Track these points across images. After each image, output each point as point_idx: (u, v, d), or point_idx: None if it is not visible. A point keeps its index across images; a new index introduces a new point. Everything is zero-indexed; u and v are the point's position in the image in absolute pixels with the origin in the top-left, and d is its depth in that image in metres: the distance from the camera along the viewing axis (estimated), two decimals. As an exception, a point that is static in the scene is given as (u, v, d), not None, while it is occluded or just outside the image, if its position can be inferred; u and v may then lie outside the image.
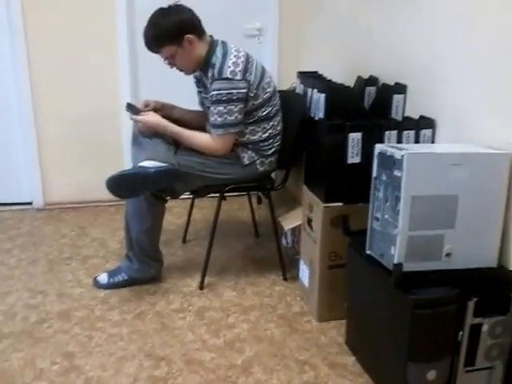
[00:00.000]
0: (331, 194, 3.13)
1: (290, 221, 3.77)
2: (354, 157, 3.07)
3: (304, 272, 3.51)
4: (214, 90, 3.39)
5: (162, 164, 3.34)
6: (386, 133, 3.09)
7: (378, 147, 2.57)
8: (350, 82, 3.78)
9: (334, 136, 3.06)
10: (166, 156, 3.43)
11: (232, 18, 5.02)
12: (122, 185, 3.32)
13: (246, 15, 5.10)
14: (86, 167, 5.14)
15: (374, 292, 2.68)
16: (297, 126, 3.56)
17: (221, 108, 3.39)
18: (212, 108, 3.43)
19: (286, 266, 3.86)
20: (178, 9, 3.46)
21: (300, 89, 3.81)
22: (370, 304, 2.75)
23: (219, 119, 3.41)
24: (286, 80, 4.69)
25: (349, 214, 3.09)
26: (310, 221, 3.34)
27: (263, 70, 3.57)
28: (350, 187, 3.11)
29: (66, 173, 5.15)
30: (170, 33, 3.41)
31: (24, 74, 4.83)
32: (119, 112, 4.86)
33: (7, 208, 5.13)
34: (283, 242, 4.10)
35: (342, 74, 4.11)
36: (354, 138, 3.04)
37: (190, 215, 4.41)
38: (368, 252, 2.69)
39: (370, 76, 3.73)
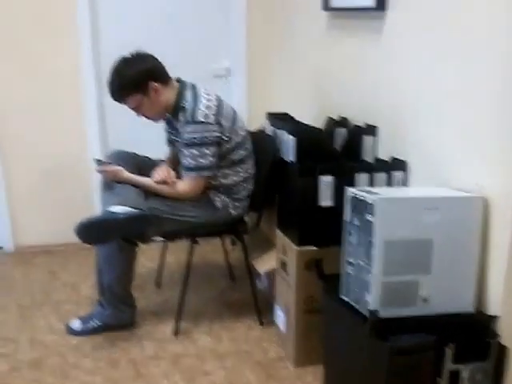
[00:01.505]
0: (304, 237, 3.15)
1: (265, 264, 3.77)
2: (326, 200, 3.10)
3: (280, 317, 3.52)
4: (187, 133, 3.42)
5: (132, 209, 3.34)
6: (358, 175, 3.12)
7: (350, 191, 2.59)
8: (320, 122, 3.83)
9: (306, 179, 3.09)
10: (135, 201, 3.43)
11: (199, 57, 5.07)
12: (91, 231, 3.31)
13: (214, 55, 5.14)
14: (56, 209, 5.13)
15: (351, 338, 2.69)
16: (268, 168, 3.59)
17: (194, 151, 3.42)
18: (185, 151, 3.46)
19: (262, 309, 3.86)
20: (140, 57, 3.49)
21: (270, 130, 3.82)
22: (346, 350, 2.75)
23: (192, 162, 3.44)
24: (255, 121, 4.72)
25: (323, 258, 3.12)
26: (284, 264, 3.35)
27: (234, 113, 3.61)
28: (323, 230, 3.14)
29: (36, 215, 5.13)
30: (135, 82, 3.44)
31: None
32: (88, 156, 4.92)
33: (-25, 253, 5.09)
34: (259, 285, 4.09)
35: (311, 114, 4.19)
36: (326, 180, 3.07)
37: (163, 259, 4.41)
38: (343, 297, 2.69)
39: (340, 117, 3.77)
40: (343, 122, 3.69)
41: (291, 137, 3.32)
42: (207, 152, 3.42)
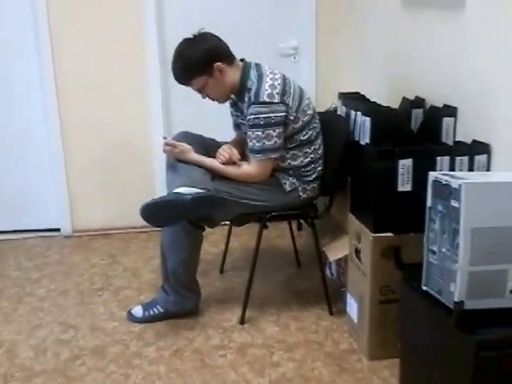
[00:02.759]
0: (381, 223, 3.05)
1: (336, 251, 3.67)
2: (404, 184, 2.99)
3: (352, 306, 3.42)
4: (252, 115, 3.34)
5: (199, 190, 3.27)
6: (438, 159, 3.01)
7: (432, 175, 2.47)
8: (394, 103, 3.72)
9: (383, 163, 2.99)
10: (202, 182, 3.37)
11: (266, 36, 4.97)
12: (157, 213, 3.26)
13: (281, 33, 5.04)
14: (115, 193, 5.12)
15: (432, 331, 2.58)
16: (340, 150, 3.51)
17: (259, 133, 3.34)
18: (250, 133, 3.39)
19: (331, 298, 3.76)
20: (203, 38, 3.44)
21: (342, 111, 3.73)
22: (426, 344, 2.64)
23: (257, 144, 3.36)
24: (324, 101, 4.63)
25: (400, 245, 3.00)
26: (357, 251, 3.26)
27: (301, 92, 3.51)
28: (400, 216, 3.03)
29: (95, 198, 5.13)
30: (199, 63, 3.38)
31: (52, 103, 4.86)
32: (150, 137, 4.96)
33: (33, 234, 5.11)
34: (327, 272, 4.01)
35: (385, 94, 4.05)
36: (405, 164, 2.97)
37: (227, 244, 4.34)
38: (424, 288, 2.59)
39: (416, 97, 3.65)
40: (419, 103, 3.58)
41: (366, 118, 3.23)
42: (273, 133, 3.34)
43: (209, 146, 3.66)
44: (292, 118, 3.39)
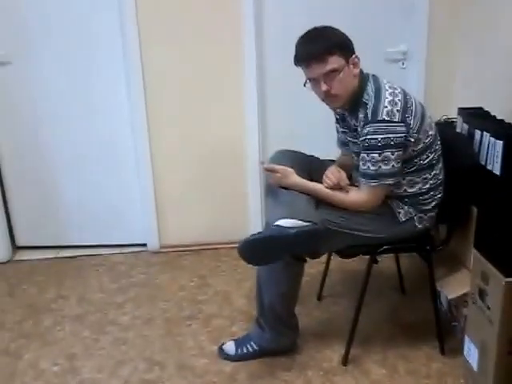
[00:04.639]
0: (516, 266, 2.65)
1: (454, 287, 3.30)
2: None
3: (472, 352, 3.02)
4: (368, 135, 2.95)
5: (304, 223, 2.91)
6: None
7: None
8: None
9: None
10: (306, 213, 3.00)
11: (372, 40, 4.55)
12: (257, 250, 2.91)
13: (389, 37, 4.62)
14: (205, 207, 4.83)
15: None
16: (464, 175, 3.15)
17: (375, 155, 2.95)
18: (364, 155, 3.00)
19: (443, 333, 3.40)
20: (334, 28, 3.07)
21: (463, 129, 3.35)
22: None
23: (372, 168, 2.98)
24: (435, 112, 4.20)
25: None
26: (482, 293, 2.86)
27: (423, 109, 3.10)
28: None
29: (184, 212, 4.84)
30: (344, 42, 3.03)
31: (141, 117, 4.58)
32: (243, 152, 4.69)
33: (118, 250, 4.85)
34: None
35: (508, 110, 3.60)
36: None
37: (327, 268, 3.98)
38: None
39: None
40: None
41: (498, 141, 2.85)
42: (391, 156, 2.94)
43: (311, 166, 3.32)
44: (413, 139, 2.98)
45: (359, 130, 3.06)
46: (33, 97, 4.54)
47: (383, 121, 2.90)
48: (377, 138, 2.92)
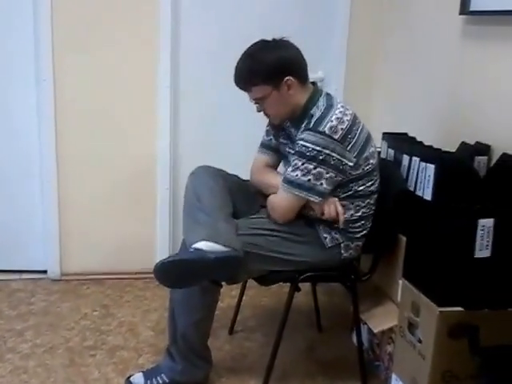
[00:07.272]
0: (450, 295, 2.50)
1: (379, 321, 3.15)
2: (483, 250, 2.47)
3: (400, 390, 2.88)
4: (301, 140, 2.87)
5: (224, 249, 2.77)
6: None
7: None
8: (449, 148, 3.23)
9: (457, 222, 2.46)
10: (228, 237, 2.85)
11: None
12: (173, 273, 2.76)
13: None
14: (111, 234, 4.61)
15: None
16: (392, 202, 3.04)
17: (310, 166, 2.84)
18: (297, 161, 2.89)
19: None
20: (283, 44, 3.01)
21: (388, 154, 3.27)
22: None
23: (302, 178, 2.88)
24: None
25: (478, 324, 2.47)
26: (411, 326, 2.71)
27: (369, 138, 3.02)
28: (475, 288, 2.50)
29: (88, 239, 4.60)
30: (269, 70, 2.93)
31: (49, 136, 4.38)
32: (153, 177, 4.56)
33: (17, 276, 4.56)
34: (354, 340, 3.48)
35: (437, 137, 3.53)
36: (485, 225, 2.44)
37: (240, 300, 3.80)
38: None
39: (477, 143, 3.18)
40: (483, 149, 3.11)
41: (429, 165, 2.75)
42: (325, 174, 2.85)
43: (233, 186, 3.19)
44: (351, 164, 2.89)
45: (296, 137, 3.00)
46: None
47: (323, 133, 2.82)
48: (308, 147, 2.83)
